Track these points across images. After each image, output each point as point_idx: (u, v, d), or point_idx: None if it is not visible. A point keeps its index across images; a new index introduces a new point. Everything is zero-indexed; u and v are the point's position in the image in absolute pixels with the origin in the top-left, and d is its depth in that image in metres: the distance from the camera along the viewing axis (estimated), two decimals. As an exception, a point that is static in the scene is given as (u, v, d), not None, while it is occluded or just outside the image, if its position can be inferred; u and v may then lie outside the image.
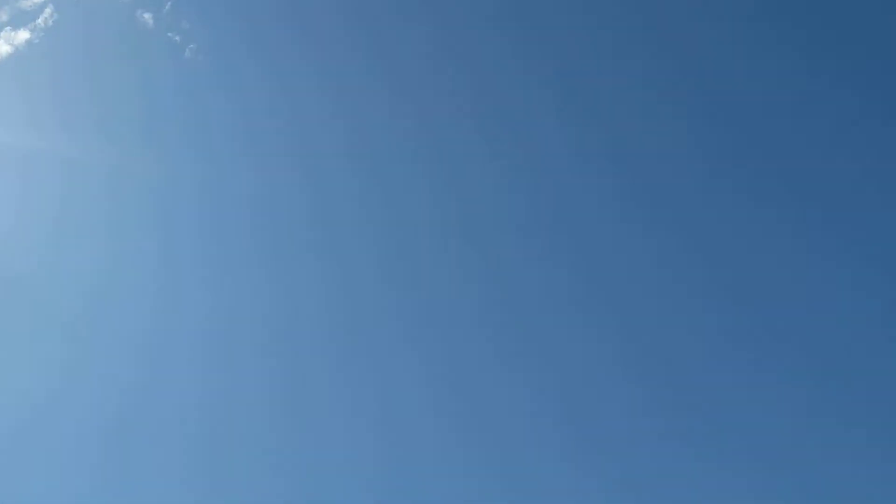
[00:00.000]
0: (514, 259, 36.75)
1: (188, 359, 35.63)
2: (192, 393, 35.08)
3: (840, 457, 32.71)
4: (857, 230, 35.17)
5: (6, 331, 36.41)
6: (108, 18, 39.72)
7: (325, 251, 37.44)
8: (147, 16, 39.53)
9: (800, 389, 33.53)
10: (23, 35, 38.74)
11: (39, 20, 38.84)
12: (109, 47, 39.73)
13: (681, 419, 34.01)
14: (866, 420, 32.90)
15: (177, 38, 39.65)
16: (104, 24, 39.79)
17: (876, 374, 33.26)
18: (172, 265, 37.25)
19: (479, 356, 35.55)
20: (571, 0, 38.83)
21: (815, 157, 35.89)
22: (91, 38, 39.57)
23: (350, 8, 39.63)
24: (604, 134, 37.27)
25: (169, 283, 36.70)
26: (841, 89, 36.15)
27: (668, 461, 33.27)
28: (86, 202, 38.29)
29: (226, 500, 33.35)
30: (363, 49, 38.97)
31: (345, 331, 36.08)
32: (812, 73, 36.56)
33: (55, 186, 37.85)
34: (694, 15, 37.73)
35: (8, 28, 38.92)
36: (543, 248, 36.78)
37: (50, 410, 34.83)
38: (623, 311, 35.84)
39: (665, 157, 36.98)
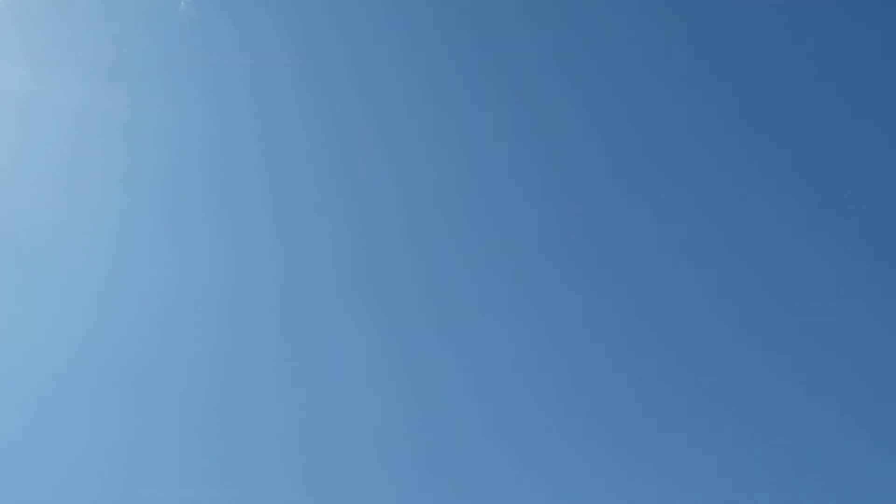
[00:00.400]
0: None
1: (201, 314, 35.05)
2: (204, 346, 34.39)
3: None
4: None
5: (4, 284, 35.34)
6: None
7: (336, 196, 36.34)
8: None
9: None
10: (15, -22, 37.33)
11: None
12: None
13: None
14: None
15: (171, -10, 38.80)
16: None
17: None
18: (173, 220, 36.34)
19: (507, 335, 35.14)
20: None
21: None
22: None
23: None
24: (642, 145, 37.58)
25: (176, 239, 35.85)
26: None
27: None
28: (71, 149, 37.06)
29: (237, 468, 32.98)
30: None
31: (362, 285, 35.44)
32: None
33: (41, 131, 36.65)
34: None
35: (0, -30, 37.45)
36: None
37: (60, 366, 33.75)
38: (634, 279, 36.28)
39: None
